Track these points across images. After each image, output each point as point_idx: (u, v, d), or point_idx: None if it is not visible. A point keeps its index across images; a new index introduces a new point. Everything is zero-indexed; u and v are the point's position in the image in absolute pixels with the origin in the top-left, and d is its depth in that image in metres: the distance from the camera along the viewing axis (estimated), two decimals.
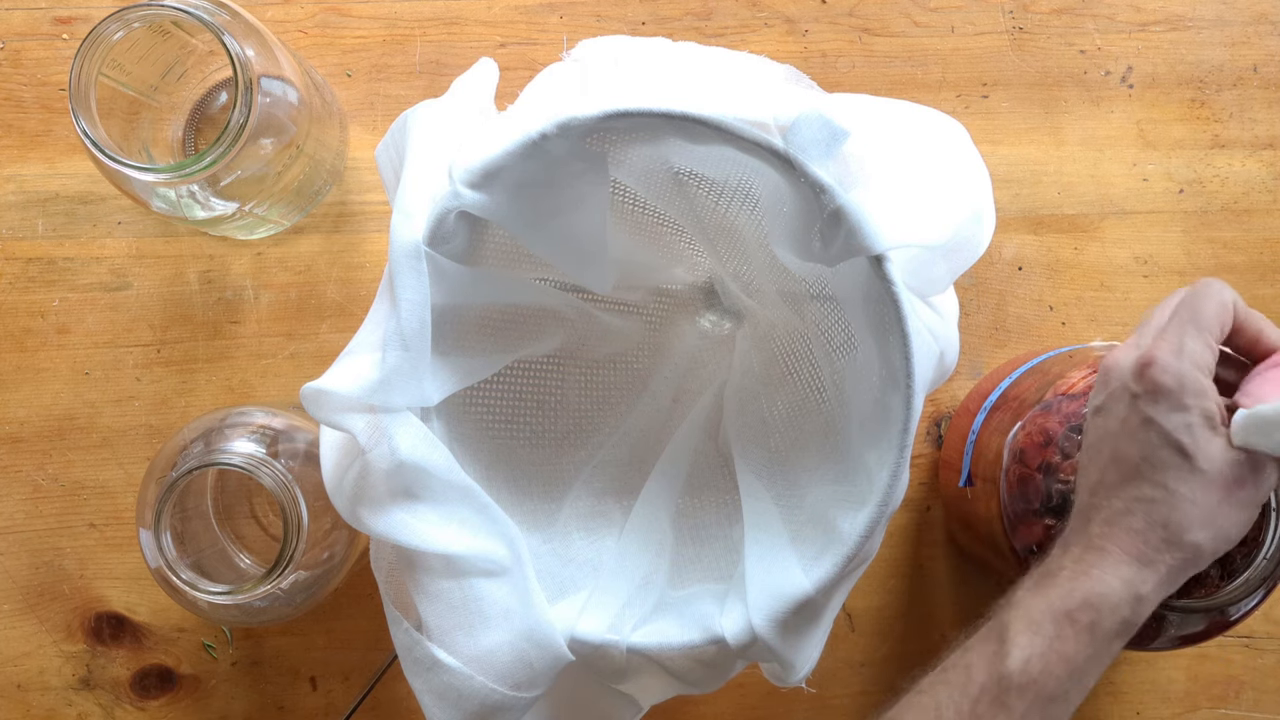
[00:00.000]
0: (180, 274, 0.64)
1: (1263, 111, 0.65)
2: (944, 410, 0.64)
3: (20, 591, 0.63)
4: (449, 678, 0.45)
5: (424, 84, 0.65)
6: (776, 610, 0.46)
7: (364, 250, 0.64)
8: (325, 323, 0.64)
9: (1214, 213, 0.65)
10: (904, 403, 0.44)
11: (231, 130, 0.52)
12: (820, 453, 0.54)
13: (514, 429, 0.57)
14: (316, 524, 0.54)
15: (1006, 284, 0.65)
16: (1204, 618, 0.50)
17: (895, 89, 0.65)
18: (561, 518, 0.56)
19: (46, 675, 0.63)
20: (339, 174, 0.64)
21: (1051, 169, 0.65)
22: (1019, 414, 0.52)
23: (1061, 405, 0.51)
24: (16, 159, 0.64)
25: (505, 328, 0.54)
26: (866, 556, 0.47)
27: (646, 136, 0.45)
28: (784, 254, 0.50)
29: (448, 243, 0.46)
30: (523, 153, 0.44)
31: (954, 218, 0.46)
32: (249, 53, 0.53)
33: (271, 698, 0.63)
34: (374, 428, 0.44)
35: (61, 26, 0.65)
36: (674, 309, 0.62)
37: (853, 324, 0.50)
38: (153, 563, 0.53)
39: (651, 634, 0.48)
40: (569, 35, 0.65)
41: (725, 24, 0.65)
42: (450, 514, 0.46)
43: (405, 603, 0.47)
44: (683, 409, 0.61)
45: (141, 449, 0.64)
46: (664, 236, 0.57)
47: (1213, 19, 0.66)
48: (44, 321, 0.64)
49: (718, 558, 0.54)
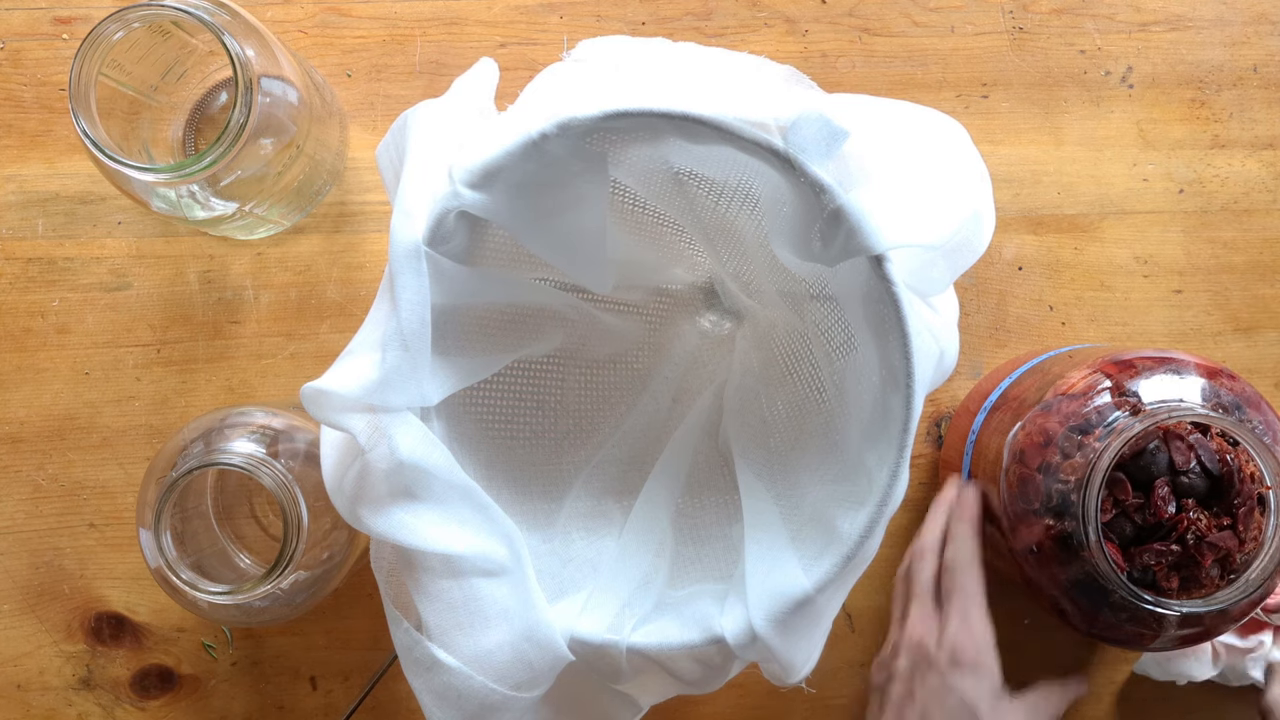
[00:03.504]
0: (180, 274, 0.64)
1: (1263, 111, 0.65)
2: (944, 410, 0.64)
3: (20, 591, 0.63)
4: (449, 677, 0.45)
5: (424, 84, 0.65)
6: (776, 610, 0.46)
7: (364, 250, 0.64)
8: (325, 323, 0.64)
9: (1214, 213, 0.65)
10: (904, 403, 0.44)
11: (231, 130, 0.52)
12: (820, 452, 0.54)
13: (514, 429, 0.57)
14: (316, 524, 0.54)
15: (1006, 284, 0.65)
16: (1204, 618, 0.50)
17: (895, 89, 0.65)
18: (561, 518, 0.56)
19: (46, 675, 0.63)
20: (339, 174, 0.64)
21: (1051, 169, 0.65)
22: (1019, 414, 0.52)
23: (1061, 405, 0.51)
24: (16, 159, 0.64)
25: (505, 328, 0.54)
26: (866, 556, 0.47)
27: (646, 136, 0.45)
28: (784, 254, 0.50)
29: (448, 243, 0.46)
30: (523, 153, 0.44)
31: (954, 218, 0.46)
32: (249, 53, 0.53)
33: (271, 698, 0.63)
34: (374, 428, 0.44)
35: (61, 26, 0.65)
36: (674, 309, 0.62)
37: (853, 324, 0.50)
38: (153, 563, 0.53)
39: (651, 634, 0.48)
40: (569, 35, 0.65)
41: (725, 24, 0.65)
42: (450, 514, 0.46)
43: (405, 603, 0.47)
44: (683, 409, 0.61)
45: (141, 449, 0.64)
46: (664, 236, 0.57)
47: (1213, 19, 0.66)
48: (44, 321, 0.64)
49: (717, 558, 0.54)
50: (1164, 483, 0.49)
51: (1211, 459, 0.49)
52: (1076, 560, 0.49)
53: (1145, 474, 0.49)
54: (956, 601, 0.52)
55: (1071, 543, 0.49)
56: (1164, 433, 0.49)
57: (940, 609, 0.53)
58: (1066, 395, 0.51)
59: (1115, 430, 0.49)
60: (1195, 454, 0.49)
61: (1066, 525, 0.49)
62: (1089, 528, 0.48)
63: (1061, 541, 0.50)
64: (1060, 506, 0.49)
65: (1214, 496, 0.49)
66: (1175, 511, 0.49)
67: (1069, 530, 0.49)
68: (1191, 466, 0.49)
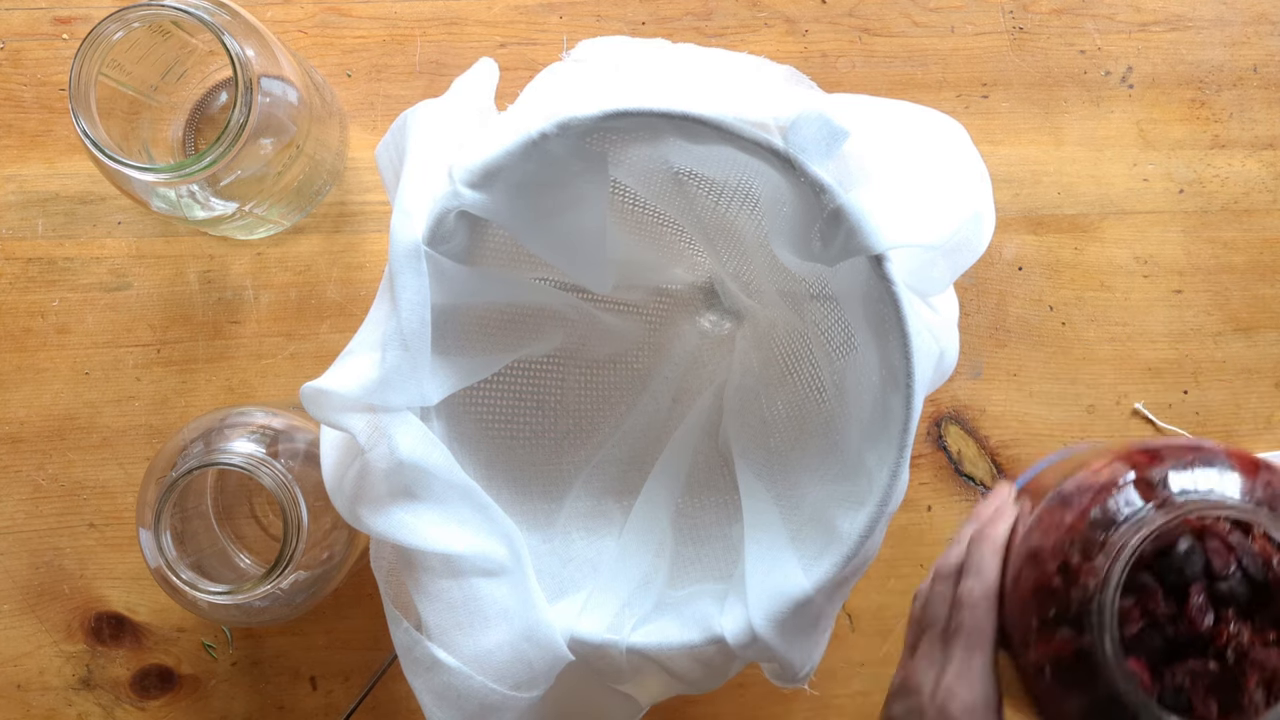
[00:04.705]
0: (180, 274, 0.64)
1: (1263, 111, 0.65)
2: (944, 410, 0.65)
3: (20, 591, 0.63)
4: (449, 677, 0.45)
5: (424, 84, 0.65)
6: (776, 610, 0.46)
7: (364, 250, 0.64)
8: (325, 323, 0.64)
9: (1214, 213, 0.65)
10: (904, 403, 0.44)
11: (231, 130, 0.52)
12: (820, 453, 0.54)
13: (514, 429, 0.57)
14: (316, 524, 0.54)
15: (1006, 284, 0.65)
16: None
17: (895, 89, 0.65)
18: (561, 518, 0.56)
19: (46, 675, 0.63)
20: (339, 174, 0.64)
21: (1051, 169, 0.65)
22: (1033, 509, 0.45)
23: (1080, 497, 0.43)
24: (16, 159, 0.64)
25: (505, 328, 0.54)
26: (867, 556, 0.47)
27: (646, 136, 0.45)
28: (784, 254, 0.50)
29: (448, 242, 0.46)
30: (522, 152, 0.44)
31: (954, 218, 0.46)
32: (249, 53, 0.53)
33: (271, 698, 0.63)
34: (374, 428, 0.44)
35: (61, 26, 0.65)
36: (674, 309, 0.62)
37: (852, 324, 0.50)
38: (153, 563, 0.53)
39: (651, 634, 0.48)
40: (569, 35, 0.65)
41: (725, 24, 0.65)
42: (450, 514, 0.46)
43: (405, 603, 0.47)
44: (683, 409, 0.61)
45: (141, 449, 0.64)
46: (664, 236, 0.57)
47: (1213, 19, 0.66)
48: (44, 321, 0.64)
49: (717, 558, 0.54)
50: (1200, 589, 0.42)
51: (1255, 563, 0.42)
52: (1096, 680, 0.42)
53: (1180, 578, 0.42)
54: (959, 646, 0.45)
55: (1092, 660, 0.42)
56: (1199, 531, 0.42)
57: (946, 648, 0.46)
58: (1087, 486, 0.44)
59: (1137, 524, 0.42)
60: (1236, 556, 0.42)
61: (1085, 640, 0.42)
62: (1106, 638, 0.41)
63: (1080, 658, 0.42)
64: (1079, 617, 0.42)
65: (1258, 606, 0.41)
66: (1214, 623, 0.42)
67: (1088, 646, 0.41)
68: (1231, 571, 0.42)
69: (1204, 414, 0.64)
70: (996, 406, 0.64)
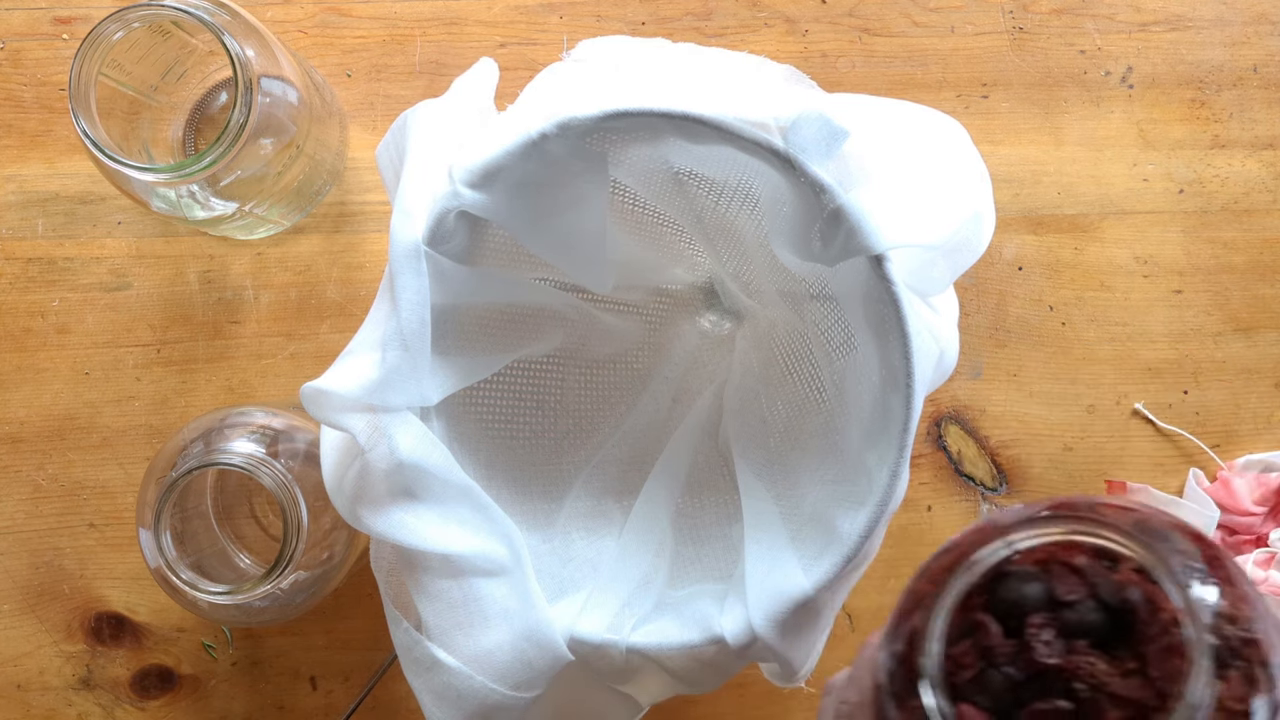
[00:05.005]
0: (180, 274, 0.64)
1: (1263, 111, 0.65)
2: (944, 410, 0.65)
3: (20, 591, 0.63)
4: (448, 677, 0.45)
5: (424, 84, 0.65)
6: (776, 610, 0.46)
7: (364, 250, 0.64)
8: (325, 323, 0.64)
9: (1214, 213, 0.65)
10: (904, 403, 0.44)
11: (231, 130, 0.52)
12: (820, 453, 0.54)
13: (514, 429, 0.57)
14: (316, 524, 0.54)
15: (1006, 284, 0.65)
16: None
17: (895, 89, 0.65)
18: (561, 518, 0.56)
19: (46, 675, 0.63)
20: (339, 174, 0.64)
21: (1051, 169, 0.65)
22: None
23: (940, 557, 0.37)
24: (16, 159, 0.64)
25: (505, 328, 0.54)
26: (866, 556, 0.47)
27: (646, 136, 0.45)
28: (784, 254, 0.50)
29: (448, 242, 0.46)
30: (522, 153, 0.44)
31: (954, 218, 0.46)
32: (249, 53, 0.53)
33: (271, 698, 0.63)
34: (374, 428, 0.44)
35: (61, 26, 0.65)
36: (674, 309, 0.62)
37: (853, 324, 0.50)
38: (153, 563, 0.53)
39: (651, 634, 0.48)
40: (569, 35, 0.65)
41: (725, 24, 0.65)
42: (450, 514, 0.46)
43: (405, 603, 0.47)
44: (683, 409, 0.61)
45: (141, 449, 0.64)
46: (664, 236, 0.57)
47: (1213, 19, 0.66)
48: (44, 321, 0.64)
49: (717, 558, 0.54)
50: (1041, 619, 0.36)
51: (1110, 587, 0.36)
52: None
53: (1016, 610, 0.36)
54: None
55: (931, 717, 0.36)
56: (1044, 563, 0.36)
57: None
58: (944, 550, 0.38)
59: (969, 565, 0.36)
60: (1086, 581, 0.36)
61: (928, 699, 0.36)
62: (925, 689, 0.36)
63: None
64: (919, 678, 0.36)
65: (1120, 635, 0.36)
66: (1060, 654, 0.35)
67: (930, 704, 0.35)
68: (1081, 599, 0.36)
69: (1204, 414, 0.65)
70: (996, 406, 0.64)
